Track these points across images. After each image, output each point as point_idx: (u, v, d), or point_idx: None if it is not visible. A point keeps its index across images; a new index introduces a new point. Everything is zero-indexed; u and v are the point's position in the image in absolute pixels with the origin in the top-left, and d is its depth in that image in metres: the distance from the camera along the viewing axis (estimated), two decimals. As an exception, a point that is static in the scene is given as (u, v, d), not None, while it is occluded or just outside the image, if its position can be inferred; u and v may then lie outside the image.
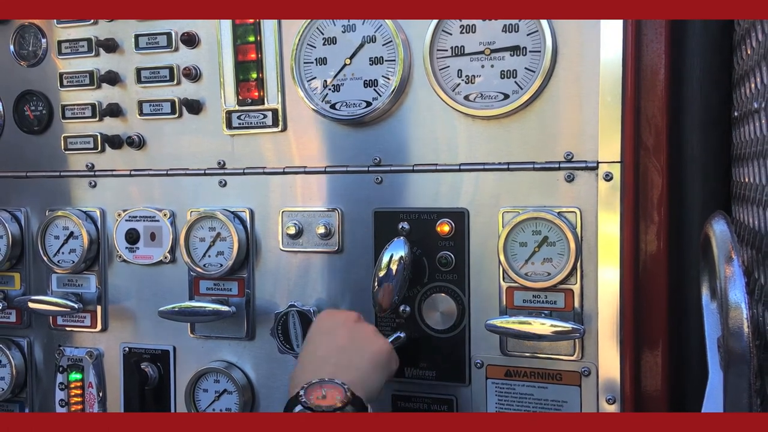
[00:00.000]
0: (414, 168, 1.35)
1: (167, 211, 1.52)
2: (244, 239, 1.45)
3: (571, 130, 1.25)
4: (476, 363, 1.32)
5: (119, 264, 1.57)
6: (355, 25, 1.36)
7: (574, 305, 1.25)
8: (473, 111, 1.29)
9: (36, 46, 1.60)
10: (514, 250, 1.27)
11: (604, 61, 1.22)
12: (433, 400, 1.36)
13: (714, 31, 1.29)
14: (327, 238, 1.40)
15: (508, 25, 1.27)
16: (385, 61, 1.34)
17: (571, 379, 1.27)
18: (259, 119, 1.44)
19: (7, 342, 1.65)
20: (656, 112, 1.30)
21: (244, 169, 1.46)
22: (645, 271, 1.31)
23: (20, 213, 1.63)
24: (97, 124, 1.56)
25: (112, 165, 1.56)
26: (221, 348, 1.50)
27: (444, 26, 1.30)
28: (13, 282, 1.65)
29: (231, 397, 1.47)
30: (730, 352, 0.73)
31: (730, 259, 0.77)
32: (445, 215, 1.33)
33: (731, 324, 0.72)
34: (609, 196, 1.23)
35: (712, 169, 1.29)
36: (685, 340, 1.32)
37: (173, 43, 1.48)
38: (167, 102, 1.50)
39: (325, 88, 1.38)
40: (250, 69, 1.44)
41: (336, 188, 1.40)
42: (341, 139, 1.40)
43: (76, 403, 1.58)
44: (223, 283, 1.48)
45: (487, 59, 1.29)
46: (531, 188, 1.28)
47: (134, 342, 1.56)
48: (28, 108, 1.61)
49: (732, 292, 0.73)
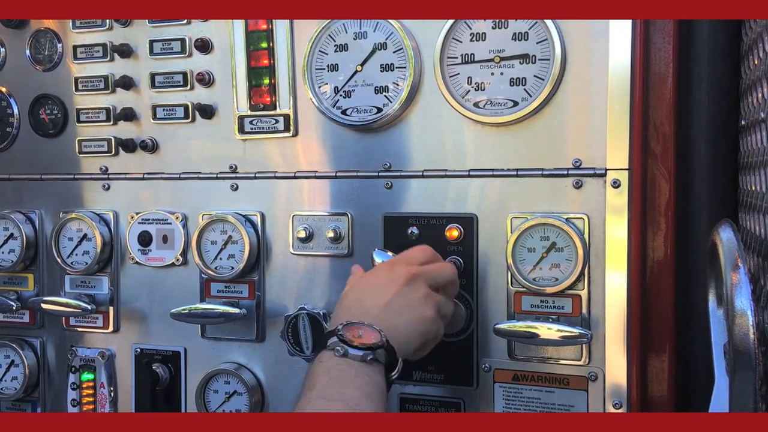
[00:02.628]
0: (423, 173, 1.36)
1: (179, 214, 1.54)
2: (255, 242, 1.47)
3: (580, 138, 1.27)
4: (484, 367, 1.34)
5: (132, 266, 1.59)
6: (367, 32, 1.37)
7: (582, 310, 1.27)
8: (483, 118, 1.31)
9: (51, 51, 1.62)
10: (522, 255, 1.28)
11: (613, 69, 1.23)
12: (441, 403, 1.38)
13: (722, 39, 1.30)
14: (337, 242, 1.42)
15: (518, 33, 1.29)
16: (396, 68, 1.36)
17: (578, 383, 1.28)
18: (271, 124, 1.46)
19: (20, 342, 1.67)
20: (664, 119, 1.31)
21: (255, 174, 1.48)
22: (652, 277, 1.32)
23: (35, 215, 1.65)
24: (111, 128, 1.59)
25: (126, 168, 1.58)
26: (232, 350, 1.52)
27: (454, 34, 1.32)
28: (26, 283, 1.67)
29: (241, 398, 1.49)
30: (735, 359, 0.74)
31: (736, 267, 0.78)
32: (454, 220, 1.34)
33: (737, 331, 0.73)
34: (617, 203, 1.24)
35: (719, 177, 1.30)
36: (692, 346, 1.33)
37: (187, 49, 1.50)
38: (180, 107, 1.52)
39: (337, 94, 1.40)
40: (262, 75, 1.46)
41: (346, 193, 1.42)
42: (352, 144, 1.41)
43: (87, 402, 1.60)
44: (234, 286, 1.50)
45: (497, 67, 1.30)
46: (539, 194, 1.29)
47: (146, 343, 1.58)
48: (44, 111, 1.63)
49: (738, 299, 0.75)
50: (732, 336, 0.74)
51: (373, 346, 1.07)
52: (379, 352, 1.07)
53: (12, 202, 1.67)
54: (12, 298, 1.65)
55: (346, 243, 1.42)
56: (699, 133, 1.31)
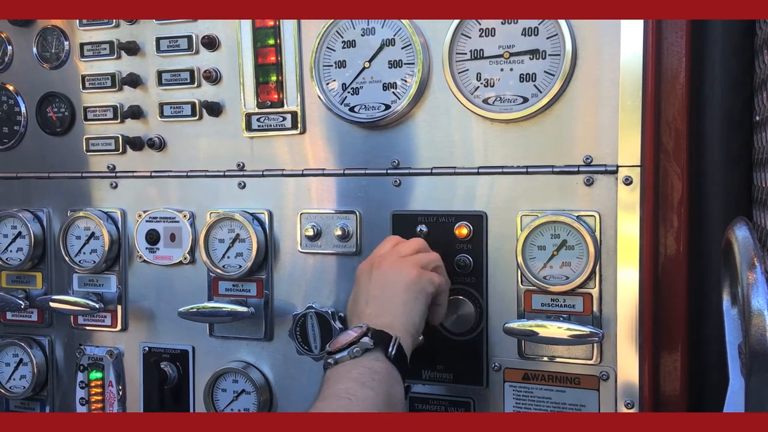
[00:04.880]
0: (432, 171, 1.35)
1: (187, 213, 1.53)
2: (263, 241, 1.46)
3: (591, 134, 1.25)
4: (494, 366, 1.32)
5: (139, 264, 1.58)
6: (374, 28, 1.36)
7: (593, 309, 1.25)
8: (492, 114, 1.29)
9: (59, 49, 1.62)
10: (532, 253, 1.27)
11: (624, 64, 1.22)
12: (451, 402, 1.37)
13: (735, 34, 1.29)
14: (345, 240, 1.41)
15: (528, 28, 1.27)
16: (404, 65, 1.35)
17: (590, 383, 1.27)
18: (279, 122, 1.45)
19: (29, 341, 1.67)
20: (676, 115, 1.29)
21: (263, 171, 1.47)
22: (664, 275, 1.30)
23: (42, 213, 1.65)
24: (118, 126, 1.58)
25: (133, 166, 1.58)
26: (240, 348, 1.51)
27: (463, 29, 1.31)
28: (35, 281, 1.67)
29: (249, 397, 1.48)
30: (752, 360, 0.73)
31: (752, 266, 0.76)
32: (463, 218, 1.33)
33: (753, 331, 0.72)
34: (629, 200, 1.22)
35: (732, 173, 1.29)
36: (705, 345, 1.31)
37: (194, 46, 1.50)
38: (188, 104, 1.51)
39: (344, 90, 1.39)
40: (269, 72, 1.44)
41: (354, 190, 1.41)
42: (360, 141, 1.40)
43: (96, 401, 1.60)
44: (242, 284, 1.49)
45: (507, 62, 1.29)
46: (550, 192, 1.28)
47: (154, 342, 1.58)
48: (51, 110, 1.63)
49: (755, 299, 0.73)
50: (748, 336, 0.72)
51: (352, 341, 1.10)
52: (363, 342, 1.10)
53: (20, 200, 1.67)
54: (20, 297, 1.65)
55: (355, 241, 1.41)
56: (712, 129, 1.29)
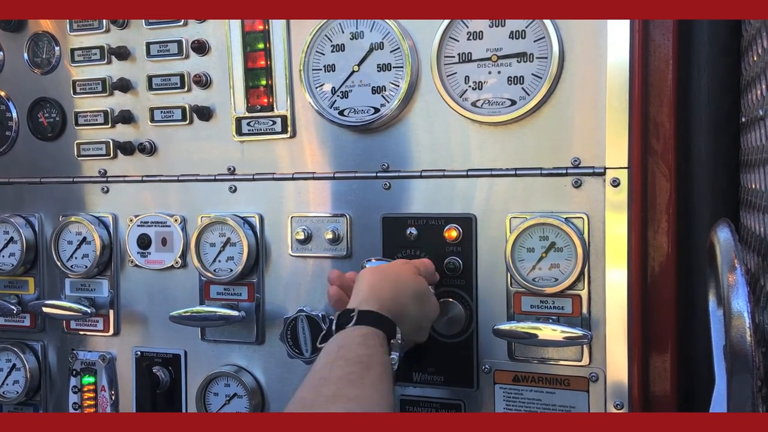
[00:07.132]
0: (422, 174, 1.35)
1: (178, 217, 1.54)
2: (254, 244, 1.46)
3: (579, 136, 1.25)
4: (484, 368, 1.33)
5: (131, 269, 1.59)
6: (363, 32, 1.37)
7: (582, 311, 1.25)
8: (480, 117, 1.30)
9: (49, 54, 1.62)
10: (521, 255, 1.27)
11: (611, 66, 1.22)
12: (441, 404, 1.37)
13: (722, 35, 1.29)
14: (336, 244, 1.41)
15: (515, 31, 1.27)
16: (393, 68, 1.35)
17: (579, 384, 1.27)
18: (269, 126, 1.45)
19: (22, 346, 1.67)
20: (664, 117, 1.30)
21: (253, 175, 1.47)
22: (653, 276, 1.31)
23: (34, 218, 1.65)
24: (109, 131, 1.58)
25: (124, 171, 1.58)
26: (231, 352, 1.51)
27: (451, 33, 1.31)
28: (27, 286, 1.67)
29: (241, 400, 1.49)
30: (733, 361, 0.73)
31: (733, 268, 0.77)
32: (452, 221, 1.33)
33: (734, 333, 0.72)
34: (616, 202, 1.23)
35: (720, 175, 1.29)
36: (694, 346, 1.32)
37: (184, 51, 1.50)
38: (178, 109, 1.51)
39: (334, 94, 1.39)
40: (259, 76, 1.45)
41: (344, 194, 1.41)
42: (349, 145, 1.41)
43: (89, 406, 1.60)
44: (233, 288, 1.49)
45: (494, 65, 1.29)
46: (538, 194, 1.28)
47: (146, 346, 1.58)
48: (42, 115, 1.63)
49: (735, 300, 0.73)
50: (729, 338, 0.73)
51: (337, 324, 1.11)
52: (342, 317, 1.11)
53: (12, 205, 1.68)
54: (13, 302, 1.65)
55: (345, 244, 1.41)
56: (699, 131, 1.30)
